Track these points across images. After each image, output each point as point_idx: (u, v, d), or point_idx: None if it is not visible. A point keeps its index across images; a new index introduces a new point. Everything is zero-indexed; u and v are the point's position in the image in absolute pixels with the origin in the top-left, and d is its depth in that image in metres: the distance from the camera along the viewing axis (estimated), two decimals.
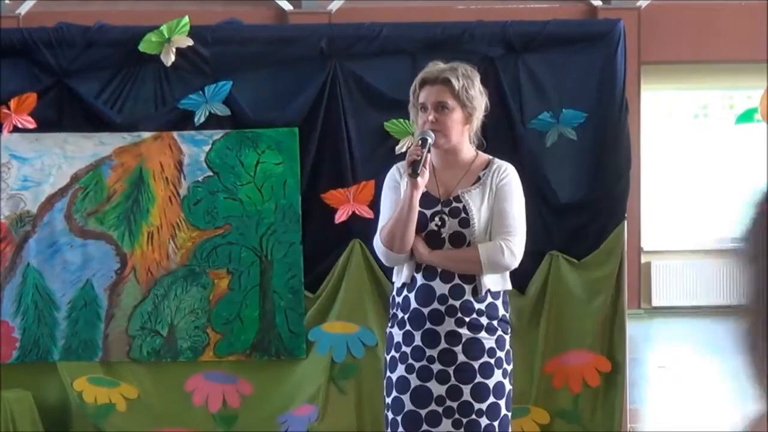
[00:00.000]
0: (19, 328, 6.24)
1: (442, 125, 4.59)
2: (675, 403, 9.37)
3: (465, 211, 4.59)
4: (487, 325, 4.59)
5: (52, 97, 6.23)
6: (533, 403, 6.20)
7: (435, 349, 4.57)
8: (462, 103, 4.62)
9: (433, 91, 4.61)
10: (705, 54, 13.82)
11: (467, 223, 4.58)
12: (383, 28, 6.26)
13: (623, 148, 6.23)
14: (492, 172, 4.66)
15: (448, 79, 4.60)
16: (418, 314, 4.59)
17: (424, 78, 4.65)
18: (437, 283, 4.57)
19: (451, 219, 4.59)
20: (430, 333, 4.57)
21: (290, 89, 6.25)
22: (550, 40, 6.23)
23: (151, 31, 6.19)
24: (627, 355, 6.30)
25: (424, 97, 4.63)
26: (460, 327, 4.55)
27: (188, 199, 6.22)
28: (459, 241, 4.58)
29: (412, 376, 4.59)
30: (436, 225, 4.59)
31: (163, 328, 6.25)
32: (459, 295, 4.56)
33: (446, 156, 4.66)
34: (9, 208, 6.22)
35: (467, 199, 4.60)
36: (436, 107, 4.60)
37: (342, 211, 6.20)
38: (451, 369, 4.56)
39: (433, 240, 4.59)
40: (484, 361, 4.58)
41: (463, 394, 4.56)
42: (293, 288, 6.22)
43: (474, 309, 4.57)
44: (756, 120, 7.30)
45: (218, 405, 6.27)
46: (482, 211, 4.59)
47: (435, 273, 4.58)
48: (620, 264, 6.20)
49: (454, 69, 4.65)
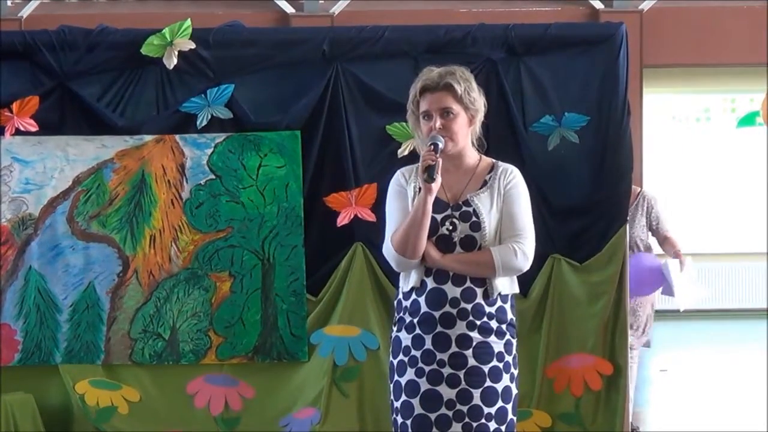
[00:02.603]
0: (21, 331, 6.24)
1: (449, 131, 4.60)
2: (676, 407, 9.37)
3: (475, 215, 4.60)
4: (497, 329, 4.60)
5: (54, 100, 6.23)
6: (535, 407, 6.20)
7: (446, 353, 4.58)
8: (465, 106, 4.63)
9: (436, 98, 4.61)
10: (707, 57, 13.82)
11: (478, 226, 4.59)
12: (385, 31, 6.26)
13: (625, 151, 6.23)
14: (498, 175, 4.67)
15: (451, 84, 4.60)
16: (429, 318, 4.59)
17: (425, 85, 4.63)
18: (449, 287, 4.58)
19: (462, 223, 4.60)
20: (441, 336, 4.58)
21: (292, 92, 6.25)
22: (552, 43, 6.22)
23: (153, 34, 6.19)
24: (629, 359, 6.30)
25: (426, 104, 4.62)
26: (471, 330, 4.57)
27: (190, 202, 6.23)
28: (470, 245, 4.59)
29: (422, 379, 4.59)
30: (447, 229, 4.60)
31: (165, 331, 6.25)
32: (471, 298, 4.58)
33: (452, 160, 4.66)
34: (11, 211, 6.22)
35: (477, 202, 4.62)
36: (441, 113, 4.60)
37: (344, 214, 6.20)
38: (462, 373, 4.57)
39: (444, 244, 4.60)
40: (494, 365, 4.59)
41: (473, 398, 4.56)
42: (295, 291, 6.22)
43: (485, 312, 4.59)
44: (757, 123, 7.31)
45: (220, 408, 6.27)
46: (492, 215, 4.61)
47: (446, 277, 4.59)
48: (622, 267, 6.20)
49: (452, 73, 4.65)
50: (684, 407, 9.14)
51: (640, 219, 8.09)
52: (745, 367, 11.14)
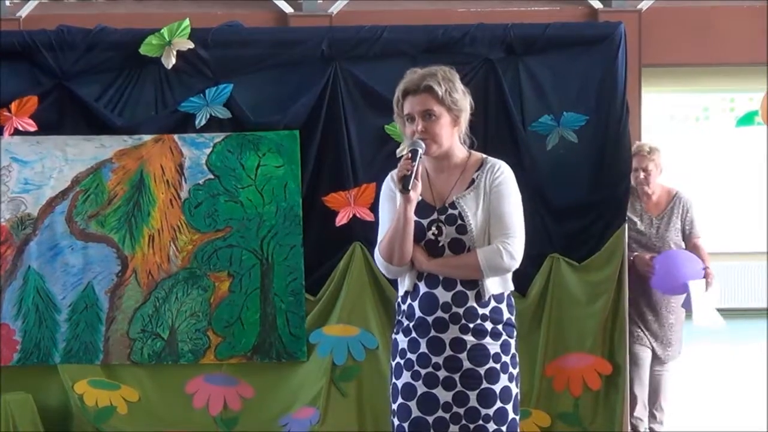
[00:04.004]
0: (20, 331, 6.25)
1: (431, 133, 4.56)
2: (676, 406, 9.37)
3: (461, 218, 4.56)
4: (492, 330, 4.58)
5: (52, 99, 6.23)
6: (534, 406, 6.20)
7: (440, 356, 4.57)
8: (447, 107, 4.57)
9: (417, 100, 4.57)
10: (706, 56, 13.81)
11: (464, 229, 4.56)
12: (384, 31, 6.26)
13: (624, 150, 6.23)
14: (485, 172, 4.62)
15: (430, 86, 4.55)
16: (423, 322, 4.58)
17: (406, 88, 4.60)
18: (440, 291, 4.57)
19: (447, 227, 4.57)
20: (435, 340, 4.57)
21: (291, 92, 6.25)
22: (551, 43, 6.23)
23: (152, 34, 6.20)
24: (627, 358, 6.31)
25: (409, 107, 4.59)
26: (464, 334, 4.55)
27: (189, 201, 6.23)
28: (458, 248, 4.57)
29: (419, 382, 4.59)
30: (433, 234, 4.58)
31: (164, 330, 6.25)
32: (462, 302, 4.56)
33: (439, 162, 4.63)
34: (10, 211, 6.23)
35: (462, 204, 4.58)
36: (422, 116, 4.56)
37: (343, 213, 6.20)
38: (457, 376, 4.56)
39: (432, 248, 4.58)
40: (490, 366, 4.57)
41: (470, 401, 4.56)
42: (294, 291, 6.23)
43: (478, 314, 4.57)
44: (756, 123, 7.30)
45: (219, 408, 6.27)
46: (478, 216, 4.57)
47: (437, 281, 4.57)
48: (621, 267, 6.21)
49: (433, 74, 4.59)
50: (684, 407, 9.12)
51: (675, 222, 7.39)
52: (745, 368, 11.13)
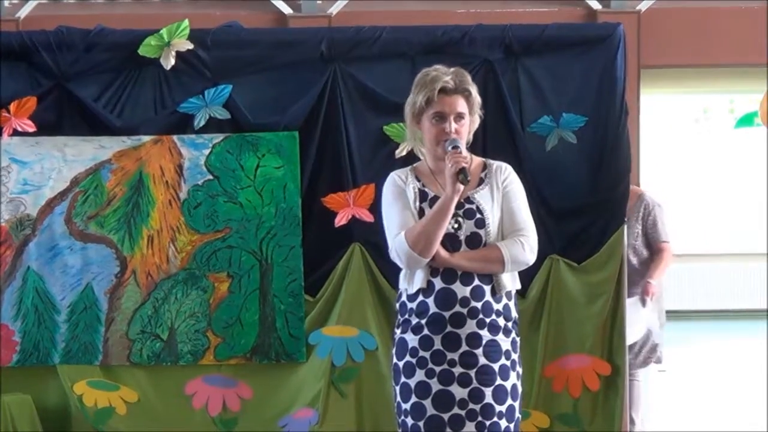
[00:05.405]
0: (19, 332, 6.25)
1: (461, 135, 4.67)
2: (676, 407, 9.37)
3: (479, 212, 4.66)
4: (504, 327, 4.67)
5: (51, 100, 6.22)
6: (533, 407, 6.20)
7: (456, 352, 4.61)
8: (473, 111, 4.72)
9: (454, 102, 4.66)
10: (705, 57, 13.80)
11: (483, 223, 4.64)
12: (383, 32, 6.26)
13: (623, 151, 6.23)
14: (494, 172, 4.74)
15: (469, 90, 4.68)
16: (438, 318, 4.62)
17: (444, 87, 4.66)
18: (457, 286, 4.62)
19: (467, 220, 4.64)
20: (452, 336, 4.61)
21: (290, 93, 6.25)
22: (550, 44, 6.23)
23: (151, 35, 6.19)
24: (627, 359, 6.30)
25: (441, 106, 4.65)
26: (481, 329, 4.61)
27: (188, 202, 6.23)
28: (475, 242, 4.64)
29: (433, 380, 4.62)
30: (453, 227, 4.64)
31: (163, 331, 6.25)
32: (480, 296, 4.62)
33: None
34: (9, 212, 6.23)
35: (479, 199, 4.67)
36: (456, 117, 4.66)
37: (342, 214, 6.20)
38: (473, 372, 4.60)
39: (450, 242, 4.63)
40: (503, 363, 4.65)
41: (485, 397, 4.60)
42: (293, 291, 6.22)
43: (493, 309, 4.64)
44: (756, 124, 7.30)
45: (218, 409, 6.27)
46: (494, 211, 4.67)
47: (454, 276, 4.63)
48: (620, 268, 6.21)
49: (464, 75, 4.71)
50: (683, 407, 9.14)
51: (635, 225, 7.24)
52: (745, 368, 11.14)
